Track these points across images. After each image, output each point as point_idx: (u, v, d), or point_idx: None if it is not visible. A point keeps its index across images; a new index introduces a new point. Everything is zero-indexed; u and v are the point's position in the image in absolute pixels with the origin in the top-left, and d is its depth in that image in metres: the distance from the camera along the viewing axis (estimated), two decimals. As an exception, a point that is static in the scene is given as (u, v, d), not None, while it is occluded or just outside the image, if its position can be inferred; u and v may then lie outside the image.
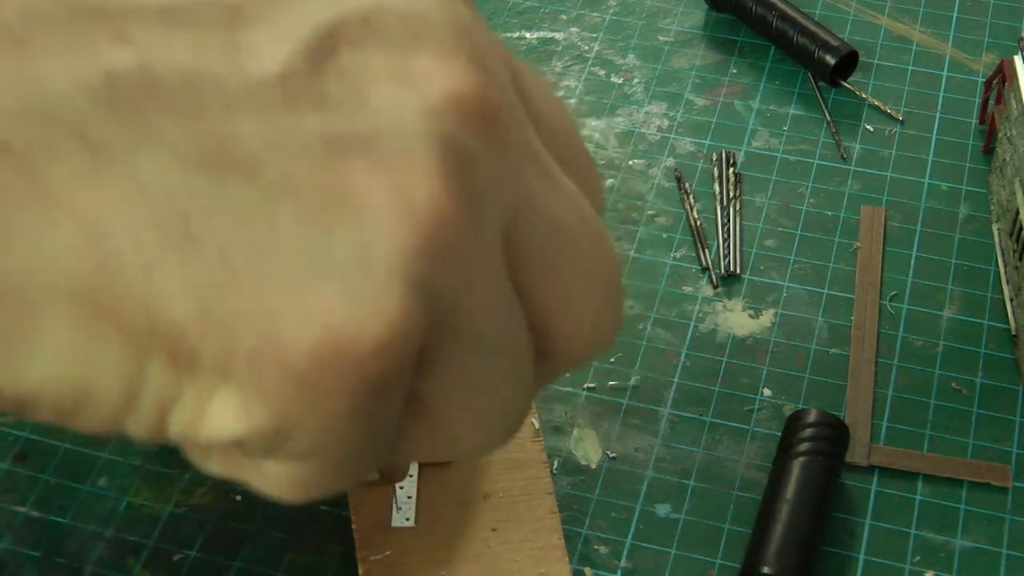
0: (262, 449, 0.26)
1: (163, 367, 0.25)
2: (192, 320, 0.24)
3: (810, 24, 0.59)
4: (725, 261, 0.52)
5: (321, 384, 0.25)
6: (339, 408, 0.25)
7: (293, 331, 0.25)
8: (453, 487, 0.43)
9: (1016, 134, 0.50)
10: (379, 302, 0.25)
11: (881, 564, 0.43)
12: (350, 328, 0.25)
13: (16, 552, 0.43)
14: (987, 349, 0.49)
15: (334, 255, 0.25)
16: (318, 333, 0.25)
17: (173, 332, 0.24)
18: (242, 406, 0.25)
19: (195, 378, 0.25)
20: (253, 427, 0.25)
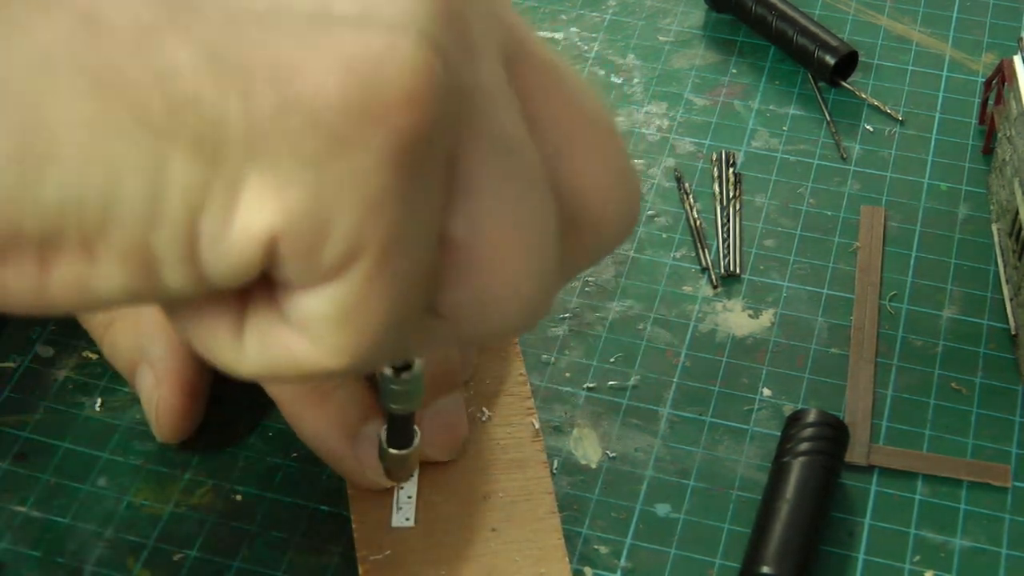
0: (303, 258, 0.25)
1: (186, 157, 0.24)
2: (206, 83, 0.23)
3: (810, 24, 0.59)
4: (725, 261, 0.52)
5: (352, 136, 0.24)
6: (378, 170, 0.24)
7: (313, 79, 0.24)
8: (453, 487, 0.43)
9: (1016, 134, 0.50)
10: (395, 48, 0.24)
11: (881, 564, 0.43)
12: (371, 71, 0.24)
13: (16, 552, 0.43)
14: (987, 349, 0.49)
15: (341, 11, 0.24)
16: (339, 77, 0.24)
17: (190, 105, 0.23)
18: (274, 185, 0.24)
19: (222, 166, 0.24)
20: (289, 208, 0.24)
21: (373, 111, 0.24)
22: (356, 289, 0.25)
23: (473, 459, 0.44)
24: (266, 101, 0.23)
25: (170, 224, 0.24)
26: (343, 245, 0.25)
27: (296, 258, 0.25)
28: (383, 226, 0.25)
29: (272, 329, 0.27)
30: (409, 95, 0.24)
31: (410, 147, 0.24)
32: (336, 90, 0.24)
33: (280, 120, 0.24)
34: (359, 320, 0.26)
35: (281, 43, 0.24)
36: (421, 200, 0.25)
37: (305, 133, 0.24)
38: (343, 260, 0.25)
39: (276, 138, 0.24)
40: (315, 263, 0.25)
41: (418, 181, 0.25)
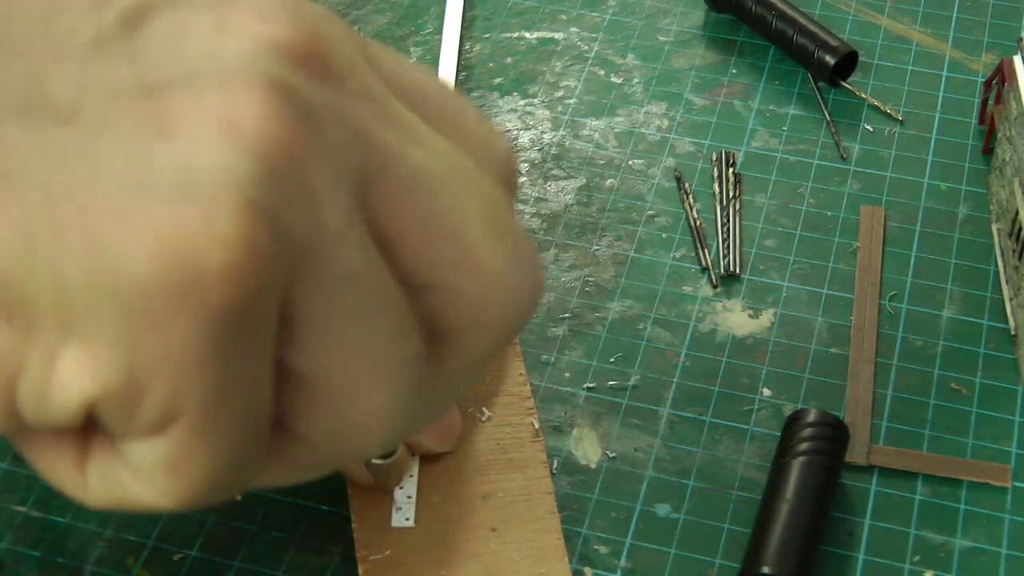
0: (122, 418, 0.25)
1: (1, 329, 0.24)
2: (18, 264, 0.23)
3: (810, 24, 0.59)
4: (725, 261, 0.52)
5: (164, 313, 0.23)
6: (191, 344, 0.24)
7: (123, 257, 0.23)
8: (453, 487, 0.43)
9: (1015, 134, 0.50)
10: (212, 222, 0.24)
11: (881, 564, 0.43)
12: (185, 248, 0.23)
13: (16, 552, 0.43)
14: (987, 349, 0.49)
15: (161, 180, 0.24)
16: (149, 257, 0.23)
17: (2, 284, 0.23)
18: (88, 357, 0.24)
19: (36, 337, 0.24)
20: (103, 380, 0.24)
21: (185, 292, 0.23)
22: (179, 444, 0.26)
23: (473, 459, 0.44)
24: (74, 280, 0.23)
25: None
26: (160, 408, 0.25)
27: (114, 419, 0.25)
28: (201, 389, 0.25)
29: (112, 468, 0.27)
30: (223, 274, 0.24)
31: (226, 319, 0.24)
32: (144, 272, 0.23)
33: (89, 299, 0.24)
34: (186, 470, 0.26)
35: (95, 218, 0.24)
36: (242, 358, 0.25)
37: (112, 312, 0.24)
38: (162, 420, 0.25)
39: (86, 315, 0.24)
40: (133, 422, 0.25)
41: (237, 344, 0.25)
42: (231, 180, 0.24)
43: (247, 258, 0.24)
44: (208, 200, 0.24)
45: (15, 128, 0.24)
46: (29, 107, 0.24)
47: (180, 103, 0.25)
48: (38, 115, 0.24)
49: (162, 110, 0.25)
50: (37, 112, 0.24)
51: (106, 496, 0.28)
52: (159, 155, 0.24)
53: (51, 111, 0.24)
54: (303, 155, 0.25)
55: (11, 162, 0.24)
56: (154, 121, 0.24)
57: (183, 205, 0.24)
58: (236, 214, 0.24)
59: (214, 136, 0.24)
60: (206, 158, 0.24)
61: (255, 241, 0.24)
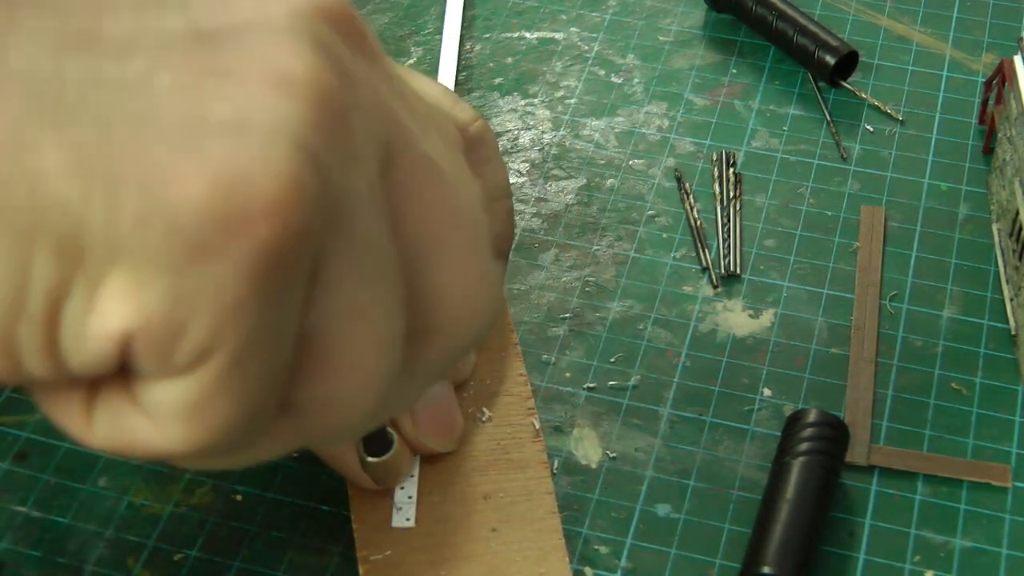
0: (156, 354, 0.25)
1: (50, 257, 0.24)
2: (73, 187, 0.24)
3: (810, 24, 0.59)
4: (725, 261, 0.52)
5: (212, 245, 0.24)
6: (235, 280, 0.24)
7: (179, 187, 0.24)
8: (453, 487, 0.43)
9: (1016, 134, 0.50)
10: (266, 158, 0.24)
11: (881, 564, 0.43)
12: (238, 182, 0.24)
13: (16, 552, 0.43)
14: (987, 349, 0.49)
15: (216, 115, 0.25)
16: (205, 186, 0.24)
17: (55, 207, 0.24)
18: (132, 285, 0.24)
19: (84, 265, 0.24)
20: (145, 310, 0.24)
21: (235, 223, 0.24)
22: (205, 386, 0.26)
23: (473, 459, 0.44)
24: (130, 207, 0.24)
25: (31, 319, 0.25)
26: (196, 346, 0.25)
27: (149, 354, 0.25)
28: (237, 331, 0.25)
29: (121, 410, 0.27)
30: (275, 208, 0.24)
31: (271, 258, 0.25)
32: (199, 200, 0.24)
33: (141, 227, 0.24)
34: (205, 415, 0.26)
35: (153, 149, 0.24)
36: (279, 305, 0.26)
37: (165, 240, 0.24)
38: (195, 359, 0.25)
39: (136, 243, 0.24)
40: (167, 360, 0.25)
41: (278, 289, 0.25)
42: (284, 121, 0.25)
43: (296, 196, 0.24)
44: (262, 137, 0.24)
45: (74, 62, 0.24)
46: (85, 42, 0.25)
47: (232, 50, 0.25)
48: (96, 51, 0.25)
49: (215, 56, 0.25)
50: (94, 48, 0.25)
51: (112, 438, 0.28)
52: (213, 95, 0.25)
53: (106, 47, 0.25)
54: (346, 111, 0.26)
55: (71, 93, 0.24)
56: (207, 65, 0.25)
57: (238, 140, 0.24)
58: (288, 152, 0.24)
59: (266, 82, 0.25)
60: (260, 100, 0.25)
61: (304, 181, 0.25)
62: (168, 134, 0.24)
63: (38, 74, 0.24)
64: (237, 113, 0.25)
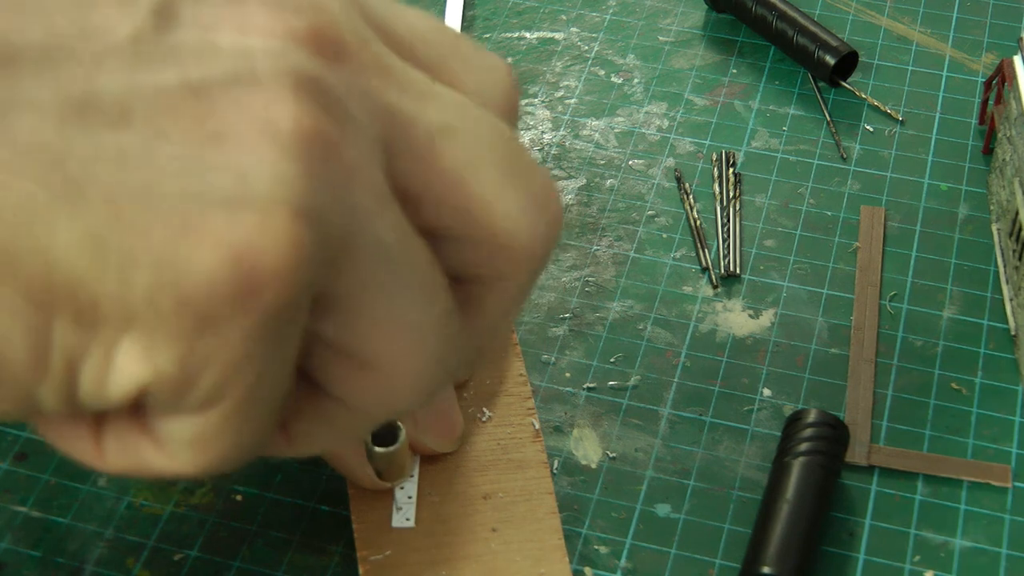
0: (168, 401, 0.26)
1: (68, 325, 0.25)
2: (87, 265, 0.25)
3: (810, 24, 0.59)
4: (725, 261, 0.52)
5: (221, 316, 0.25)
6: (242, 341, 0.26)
7: (187, 261, 0.25)
8: (453, 487, 0.43)
9: (1016, 134, 0.50)
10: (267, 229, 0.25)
11: (881, 564, 0.43)
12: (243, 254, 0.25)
13: (16, 552, 0.43)
14: (987, 349, 0.49)
15: (217, 187, 0.25)
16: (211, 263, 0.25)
17: (71, 283, 0.25)
18: (146, 350, 0.26)
19: (99, 331, 0.25)
20: (158, 371, 0.26)
21: (241, 294, 0.25)
22: (213, 424, 0.27)
23: (473, 459, 0.44)
24: (140, 283, 0.25)
25: (51, 379, 0.26)
26: (204, 395, 0.27)
27: (160, 401, 0.27)
28: (244, 380, 0.27)
29: (131, 438, 0.29)
30: (278, 276, 0.25)
31: (275, 318, 0.26)
32: (206, 277, 0.25)
33: (152, 301, 0.25)
34: (213, 446, 0.28)
35: (158, 226, 0.25)
36: (283, 348, 0.27)
37: (175, 314, 0.25)
38: (206, 403, 0.27)
39: (148, 315, 0.25)
40: (178, 405, 0.27)
41: (280, 338, 0.27)
42: (279, 186, 0.26)
43: (298, 260, 0.26)
44: (261, 208, 0.25)
45: (77, 134, 0.25)
46: (85, 110, 0.25)
47: (224, 105, 0.26)
48: (94, 120, 0.25)
49: (208, 113, 0.26)
50: (93, 117, 0.25)
51: (123, 464, 0.29)
52: (211, 164, 0.26)
53: (105, 115, 0.26)
54: (336, 144, 0.27)
55: (77, 168, 0.25)
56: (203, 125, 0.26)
57: (239, 214, 0.25)
58: (287, 220, 0.25)
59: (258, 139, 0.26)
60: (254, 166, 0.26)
61: (304, 243, 0.26)
62: (172, 210, 0.25)
63: (45, 149, 0.25)
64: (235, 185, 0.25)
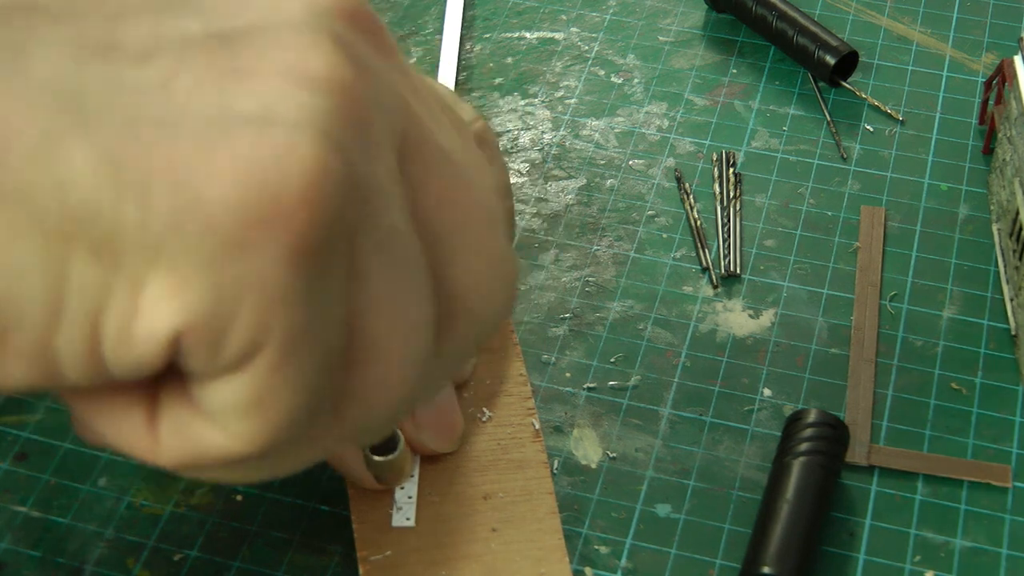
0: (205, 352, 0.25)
1: (86, 261, 0.24)
2: (104, 190, 0.24)
3: (810, 24, 0.59)
4: (725, 261, 0.52)
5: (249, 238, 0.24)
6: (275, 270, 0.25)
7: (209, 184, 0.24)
8: (453, 487, 0.43)
9: (1016, 134, 0.50)
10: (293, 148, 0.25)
11: (881, 564, 0.43)
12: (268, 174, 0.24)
13: (16, 552, 0.43)
14: (987, 349, 0.49)
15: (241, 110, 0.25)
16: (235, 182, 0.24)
17: (88, 210, 0.24)
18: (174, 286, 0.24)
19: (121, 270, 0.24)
20: (190, 308, 0.24)
21: (269, 215, 0.24)
22: (261, 379, 0.26)
23: (473, 459, 0.44)
24: (163, 207, 0.24)
25: (71, 325, 0.25)
26: (245, 340, 0.25)
27: (199, 352, 0.25)
28: (284, 321, 0.25)
29: (185, 420, 0.27)
30: (306, 198, 0.25)
31: (307, 246, 0.25)
32: (232, 195, 0.24)
33: (177, 225, 0.24)
34: (267, 408, 0.26)
35: (180, 147, 0.24)
36: (323, 291, 0.26)
37: (202, 238, 0.24)
38: (246, 353, 0.25)
39: (174, 242, 0.24)
40: (218, 357, 0.25)
41: (318, 275, 0.25)
42: (307, 113, 0.25)
43: (326, 183, 0.25)
44: (287, 128, 0.25)
45: (96, 69, 0.25)
46: (106, 51, 0.25)
47: (251, 49, 0.26)
48: (115, 58, 0.25)
49: (234, 56, 0.26)
50: (114, 55, 0.25)
51: (180, 451, 0.28)
52: (236, 92, 0.25)
53: (126, 55, 0.25)
54: (367, 103, 0.26)
55: (94, 100, 0.24)
56: (227, 65, 0.25)
57: (265, 135, 0.25)
58: (314, 141, 0.25)
59: (288, 78, 0.25)
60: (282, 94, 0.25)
61: (331, 169, 0.25)
62: (194, 132, 0.24)
63: (61, 82, 0.24)
64: (260, 107, 0.25)
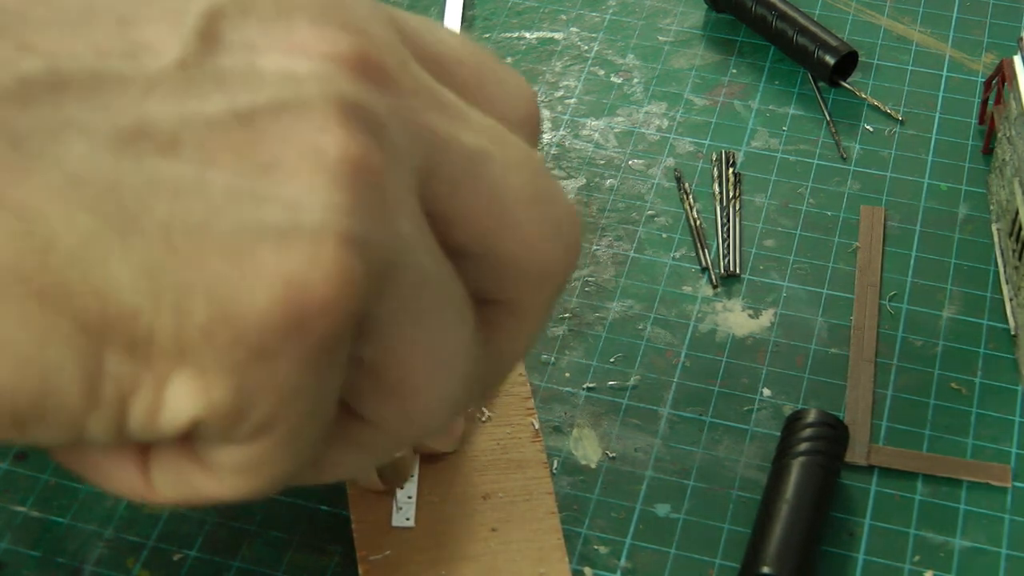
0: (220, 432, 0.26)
1: (121, 357, 0.25)
2: (143, 299, 0.25)
3: (810, 24, 0.59)
4: (725, 261, 0.52)
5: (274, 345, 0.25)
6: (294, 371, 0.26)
7: (241, 294, 0.25)
8: (453, 487, 0.43)
9: (1015, 134, 0.50)
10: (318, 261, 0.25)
11: (881, 564, 0.43)
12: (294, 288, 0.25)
13: (16, 552, 0.43)
14: (987, 349, 0.49)
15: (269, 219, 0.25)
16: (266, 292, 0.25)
17: (126, 316, 0.25)
18: (200, 385, 0.25)
19: (152, 364, 0.25)
20: (212, 404, 0.26)
21: (294, 327, 0.25)
22: (264, 451, 0.27)
23: (473, 459, 0.44)
24: (197, 319, 0.25)
25: (102, 411, 0.26)
26: (256, 425, 0.27)
27: (211, 434, 0.27)
28: (295, 409, 0.27)
29: (180, 467, 0.29)
30: (329, 306, 0.25)
31: (325, 348, 0.26)
32: (261, 309, 0.25)
33: (208, 336, 0.25)
34: (264, 471, 0.28)
35: (213, 259, 0.25)
36: (331, 377, 0.27)
37: (230, 348, 0.25)
38: (255, 434, 0.27)
39: (203, 349, 0.25)
40: (227, 437, 0.27)
41: (328, 366, 0.27)
42: (329, 217, 0.26)
43: (347, 289, 0.26)
44: (311, 240, 0.25)
45: (129, 163, 0.25)
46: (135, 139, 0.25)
47: (272, 133, 0.26)
48: (146, 149, 0.25)
49: (258, 141, 0.26)
50: (144, 145, 0.25)
51: (174, 493, 0.29)
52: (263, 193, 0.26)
53: (156, 144, 0.25)
54: (381, 171, 0.27)
55: (130, 199, 0.25)
56: (253, 154, 0.26)
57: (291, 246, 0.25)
58: (336, 251, 0.26)
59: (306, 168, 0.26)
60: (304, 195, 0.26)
61: (354, 273, 0.26)
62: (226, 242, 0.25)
63: (98, 178, 0.25)
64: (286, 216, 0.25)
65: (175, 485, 0.29)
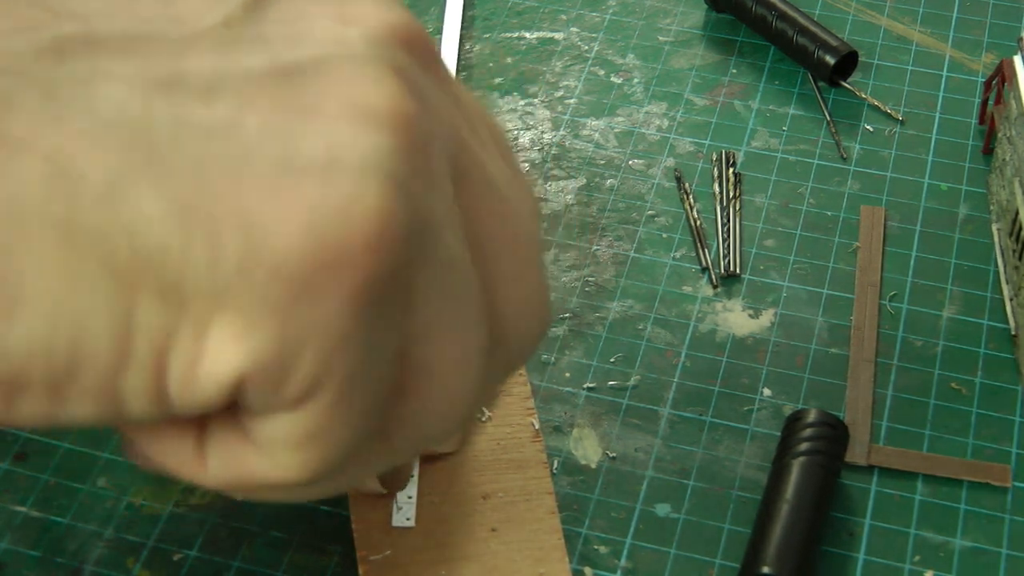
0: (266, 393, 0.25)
1: (153, 303, 0.24)
2: (173, 234, 0.24)
3: (810, 24, 0.59)
4: (725, 261, 0.52)
5: (316, 284, 0.24)
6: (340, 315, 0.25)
7: (278, 230, 0.24)
8: (453, 487, 0.43)
9: (1015, 134, 0.50)
10: (360, 195, 0.25)
11: (881, 564, 0.43)
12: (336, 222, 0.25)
13: (16, 552, 0.43)
14: (987, 349, 0.49)
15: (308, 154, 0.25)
16: (303, 229, 0.24)
17: (158, 254, 0.24)
18: (241, 330, 0.25)
19: (188, 312, 0.24)
20: (255, 352, 0.25)
21: (336, 261, 0.25)
22: (317, 417, 0.26)
23: (473, 459, 0.44)
24: (232, 252, 0.24)
25: (137, 367, 0.25)
26: (305, 380, 0.25)
27: (260, 393, 0.26)
28: (345, 361, 0.26)
29: (233, 447, 0.28)
30: (372, 244, 0.25)
31: (372, 291, 0.25)
32: (300, 243, 0.24)
33: (245, 272, 0.24)
34: (320, 444, 0.27)
35: (248, 192, 0.24)
36: (382, 332, 0.26)
37: (269, 284, 0.24)
38: (306, 393, 0.26)
39: (241, 287, 0.24)
40: (277, 396, 0.26)
41: (379, 317, 0.26)
42: (372, 155, 0.25)
43: (391, 229, 0.25)
44: (353, 174, 0.25)
45: (163, 106, 0.25)
46: (171, 87, 0.25)
47: (315, 85, 0.26)
48: (182, 94, 0.25)
49: (299, 92, 0.26)
50: (179, 92, 0.25)
51: (226, 476, 0.28)
52: (302, 133, 0.25)
53: (192, 91, 0.25)
54: (428, 135, 0.27)
55: (163, 139, 0.24)
56: (293, 102, 0.25)
57: (332, 181, 0.25)
58: (379, 187, 0.25)
59: (352, 116, 0.25)
60: (347, 135, 0.25)
61: (397, 213, 0.25)
62: (262, 177, 0.25)
63: (129, 121, 0.24)
64: (326, 150, 0.25)
65: (227, 465, 0.28)
